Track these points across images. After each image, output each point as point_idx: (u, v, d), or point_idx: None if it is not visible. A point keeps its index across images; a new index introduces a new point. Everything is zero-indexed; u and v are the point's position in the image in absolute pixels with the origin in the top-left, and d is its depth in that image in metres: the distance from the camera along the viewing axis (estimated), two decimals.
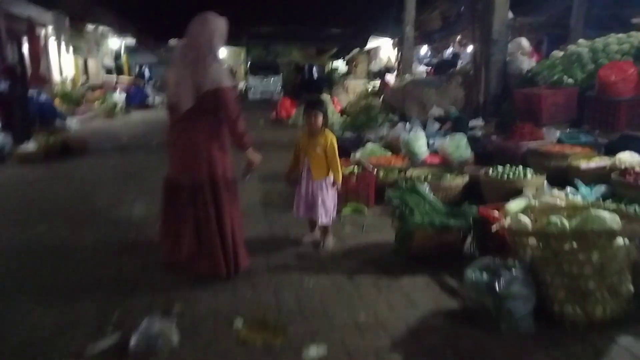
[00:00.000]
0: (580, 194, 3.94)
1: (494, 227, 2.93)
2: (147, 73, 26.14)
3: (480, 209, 3.64)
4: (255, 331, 2.84)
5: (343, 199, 4.37)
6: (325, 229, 4.18)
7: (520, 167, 4.74)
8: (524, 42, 8.77)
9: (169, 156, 3.46)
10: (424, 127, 7.58)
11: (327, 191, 4.05)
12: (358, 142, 7.89)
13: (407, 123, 8.00)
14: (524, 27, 11.68)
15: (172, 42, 21.30)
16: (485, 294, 2.61)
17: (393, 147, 6.94)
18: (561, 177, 4.57)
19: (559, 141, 5.59)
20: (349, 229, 4.57)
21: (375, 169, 5.48)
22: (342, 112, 13.27)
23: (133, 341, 2.65)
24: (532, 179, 4.51)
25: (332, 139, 3.98)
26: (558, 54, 7.76)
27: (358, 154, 6.56)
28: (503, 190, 4.47)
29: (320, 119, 3.95)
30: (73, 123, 12.91)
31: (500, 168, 4.78)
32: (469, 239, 3.74)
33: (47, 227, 4.81)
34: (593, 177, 4.33)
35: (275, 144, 10.06)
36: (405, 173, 5.49)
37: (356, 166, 5.61)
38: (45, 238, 4.52)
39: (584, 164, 4.49)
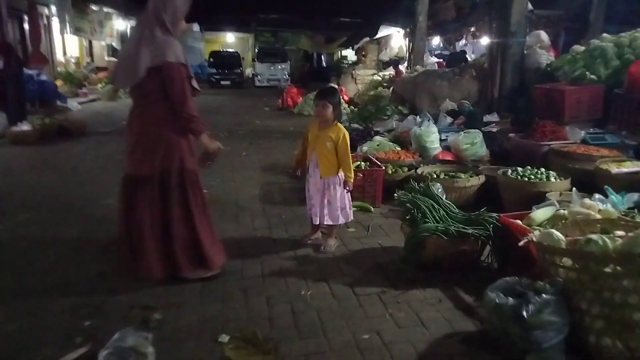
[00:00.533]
0: (610, 203, 3.52)
1: (522, 242, 2.55)
2: None
3: (501, 216, 3.25)
4: (243, 349, 2.51)
5: None
6: (328, 230, 3.84)
7: (542, 169, 4.36)
8: (543, 35, 8.38)
9: (126, 146, 3.11)
10: (436, 120, 7.20)
11: (334, 190, 3.68)
12: (366, 134, 7.60)
13: (418, 116, 7.62)
14: (541, 21, 11.33)
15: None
16: (509, 320, 2.24)
17: (402, 141, 6.61)
18: (586, 182, 4.15)
19: (583, 142, 5.20)
20: (353, 229, 4.20)
21: (384, 164, 5.10)
22: (350, 102, 12.96)
23: (101, 356, 2.34)
24: (556, 182, 4.13)
25: (344, 133, 3.61)
26: (579, 48, 7.36)
27: (365, 147, 6.22)
28: (523, 193, 4.10)
29: (330, 110, 3.57)
30: (74, 104, 12.66)
31: (520, 169, 4.40)
32: (487, 250, 3.36)
33: (27, 216, 4.47)
34: (623, 184, 3.89)
35: (279, 132, 9.74)
36: (415, 170, 5.12)
37: (363, 161, 5.25)
38: (23, 229, 4.17)
39: (615, 169, 4.09)
